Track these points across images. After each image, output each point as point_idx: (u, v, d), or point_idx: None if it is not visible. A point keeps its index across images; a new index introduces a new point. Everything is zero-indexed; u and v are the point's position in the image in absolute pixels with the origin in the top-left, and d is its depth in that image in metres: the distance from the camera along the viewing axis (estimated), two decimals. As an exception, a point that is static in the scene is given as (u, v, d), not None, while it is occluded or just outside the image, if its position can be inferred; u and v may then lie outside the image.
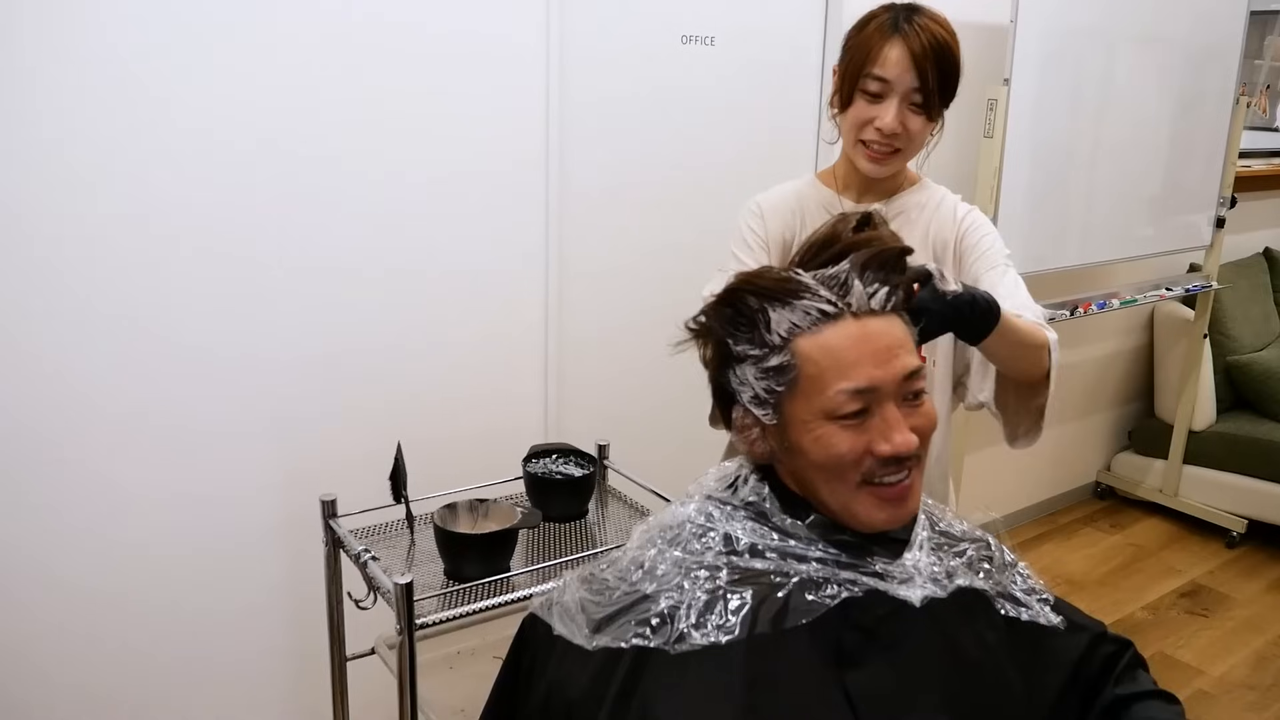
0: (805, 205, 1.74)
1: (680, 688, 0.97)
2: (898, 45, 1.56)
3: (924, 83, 1.57)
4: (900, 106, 1.59)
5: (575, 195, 2.39)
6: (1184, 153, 3.63)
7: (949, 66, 1.59)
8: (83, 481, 1.89)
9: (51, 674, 1.94)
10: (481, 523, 1.72)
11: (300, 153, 1.98)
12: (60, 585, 1.90)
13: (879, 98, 1.60)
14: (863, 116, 1.62)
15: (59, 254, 1.79)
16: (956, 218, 1.70)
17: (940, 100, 1.61)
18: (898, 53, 1.56)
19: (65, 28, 1.71)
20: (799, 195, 1.76)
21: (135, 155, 1.81)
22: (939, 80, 1.58)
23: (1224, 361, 4.17)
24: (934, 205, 1.72)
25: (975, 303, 1.31)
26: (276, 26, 1.90)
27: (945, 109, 1.64)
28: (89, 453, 1.88)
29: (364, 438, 2.12)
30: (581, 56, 2.32)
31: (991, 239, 1.67)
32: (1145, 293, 3.75)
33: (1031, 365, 1.52)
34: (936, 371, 1.71)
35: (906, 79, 1.57)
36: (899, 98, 1.58)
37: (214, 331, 1.96)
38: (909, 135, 1.61)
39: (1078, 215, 3.32)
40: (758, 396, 1.07)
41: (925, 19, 1.58)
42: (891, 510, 1.07)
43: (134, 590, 1.98)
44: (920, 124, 1.61)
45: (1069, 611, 1.19)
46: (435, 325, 2.24)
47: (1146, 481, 4.30)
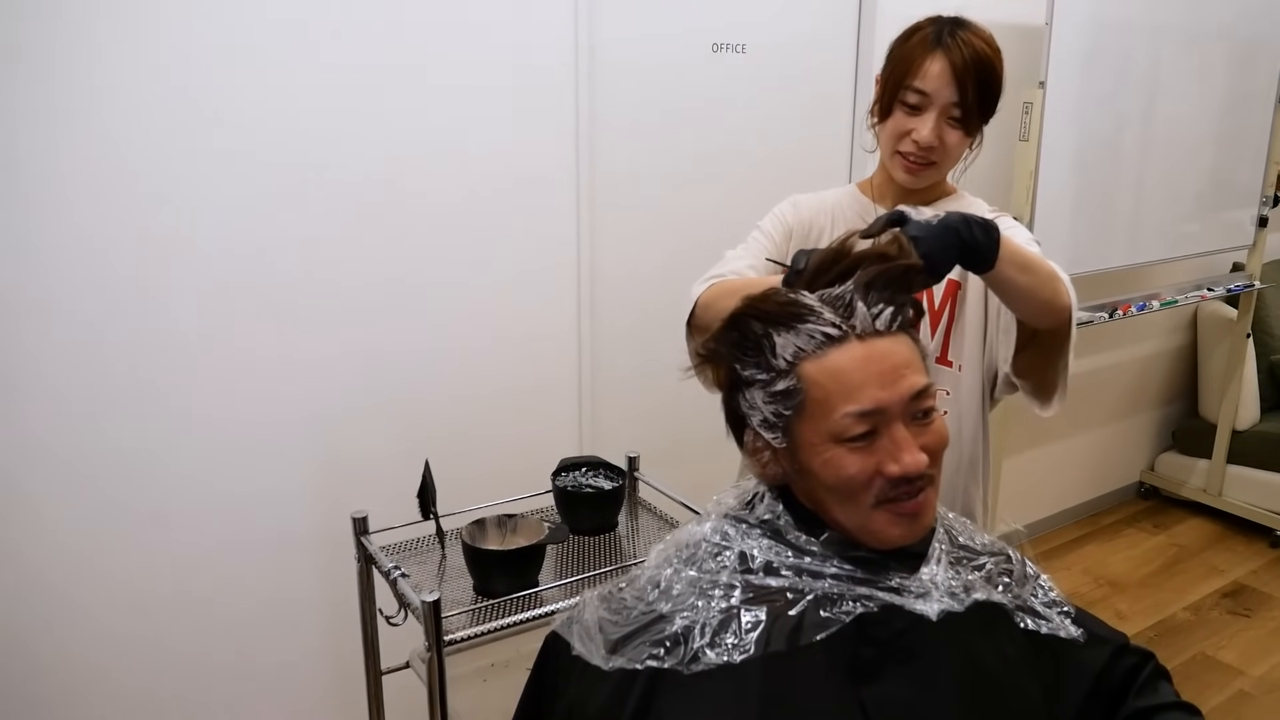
0: (841, 210, 1.75)
1: (694, 708, 0.98)
2: (939, 59, 1.56)
3: (963, 97, 1.56)
4: (938, 120, 1.58)
5: (607, 206, 2.42)
6: (1227, 151, 3.59)
7: (990, 82, 1.58)
8: (135, 490, 1.96)
9: (111, 675, 2.02)
10: (510, 538, 1.74)
11: (334, 171, 2.03)
12: (112, 588, 1.98)
13: (918, 110, 1.60)
14: (901, 128, 1.62)
15: (113, 273, 1.86)
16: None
17: (980, 115, 1.60)
18: (939, 66, 1.56)
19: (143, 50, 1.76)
20: (836, 199, 1.77)
21: (186, 173, 1.89)
22: (978, 95, 1.57)
23: (1268, 361, 4.11)
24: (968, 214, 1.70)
25: (968, 221, 1.30)
26: (317, 47, 1.96)
27: (985, 124, 1.63)
28: (140, 463, 1.96)
29: (399, 452, 2.15)
30: (612, 65, 2.34)
31: (1019, 235, 1.63)
32: (1187, 293, 3.71)
33: (1051, 295, 1.46)
34: (964, 376, 1.69)
35: (946, 93, 1.57)
36: (938, 111, 1.58)
37: (256, 349, 2.03)
38: (945, 149, 1.61)
39: (1121, 216, 3.30)
40: (766, 420, 1.08)
41: (969, 34, 1.57)
42: (906, 526, 1.07)
43: (181, 594, 2.04)
44: (957, 138, 1.61)
45: (1090, 624, 1.18)
46: (468, 341, 2.27)
47: (1190, 481, 4.25)
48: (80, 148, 1.79)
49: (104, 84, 1.79)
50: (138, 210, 1.86)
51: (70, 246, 1.82)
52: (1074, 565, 3.78)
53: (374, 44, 2.02)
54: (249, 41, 1.90)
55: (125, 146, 1.83)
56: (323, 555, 2.17)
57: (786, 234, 1.74)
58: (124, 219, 1.85)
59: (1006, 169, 2.99)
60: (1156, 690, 1.17)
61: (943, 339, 1.69)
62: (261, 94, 1.93)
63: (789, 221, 1.74)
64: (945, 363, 1.69)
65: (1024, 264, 1.40)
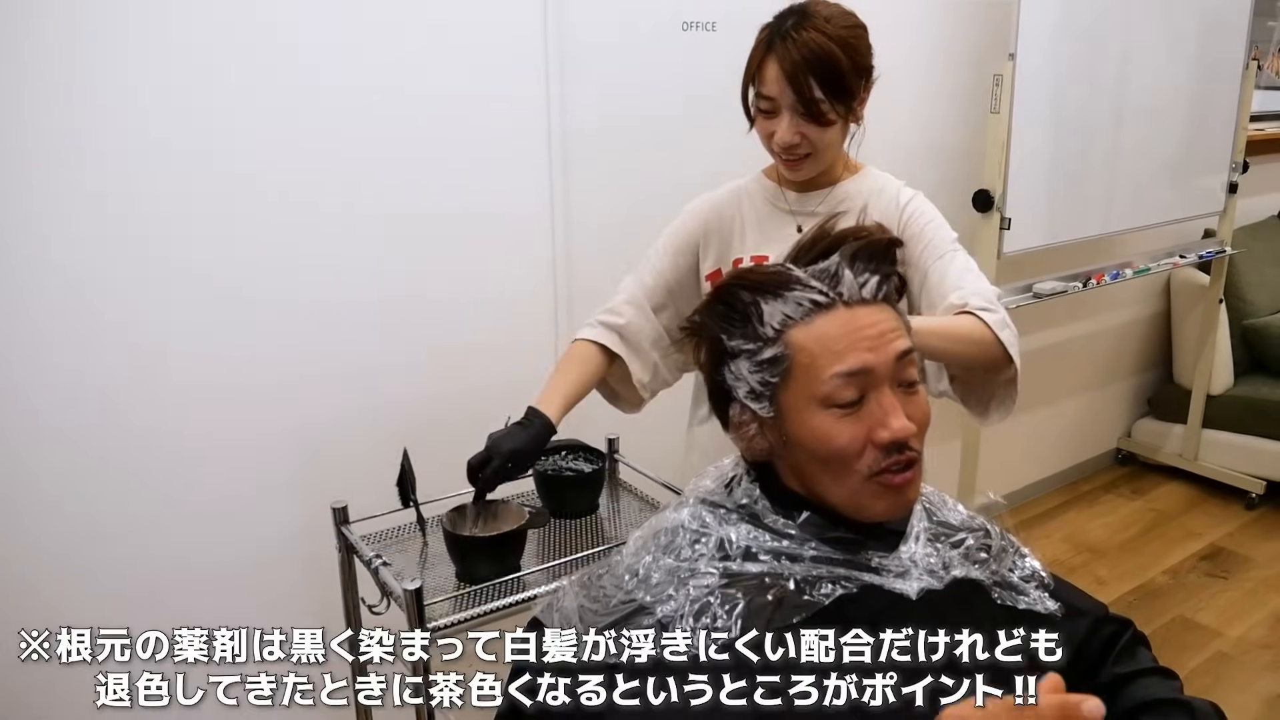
0: (750, 195, 1.78)
1: (675, 697, 0.98)
2: (772, 63, 1.57)
3: (801, 94, 1.56)
4: (792, 118, 1.59)
5: (579, 192, 2.40)
6: (1197, 118, 3.61)
7: (831, 72, 1.55)
8: (109, 486, 1.94)
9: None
10: (491, 524, 1.74)
11: (300, 160, 2.02)
12: (90, 586, 1.95)
13: (771, 114, 1.61)
14: (764, 130, 1.64)
15: (78, 272, 1.84)
16: (899, 204, 1.69)
17: (835, 102, 1.58)
18: (773, 70, 1.57)
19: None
20: (741, 186, 1.80)
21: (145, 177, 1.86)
22: (823, 87, 1.56)
23: (1240, 325, 4.16)
24: (874, 193, 1.71)
25: None
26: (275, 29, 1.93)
27: (851, 107, 1.62)
28: (112, 457, 1.94)
29: (378, 440, 2.14)
30: (581, 42, 2.33)
31: (936, 225, 1.66)
32: (1159, 260, 3.74)
33: (978, 354, 1.50)
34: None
35: (787, 94, 1.57)
36: (788, 111, 1.59)
37: (233, 342, 2.01)
38: (811, 142, 1.61)
39: (1093, 186, 3.31)
40: (753, 390, 1.08)
41: (806, 27, 1.55)
42: (893, 499, 1.07)
43: (159, 591, 2.02)
44: (819, 130, 1.60)
45: (1069, 595, 1.19)
46: (444, 327, 2.27)
47: (1166, 447, 4.30)
48: (48, 157, 1.77)
49: (80, 102, 1.77)
50: (105, 215, 1.84)
51: (36, 252, 1.80)
52: (1054, 533, 3.82)
53: (339, 23, 2.00)
54: (208, 63, 1.88)
55: (93, 157, 1.81)
56: (303, 546, 2.16)
57: (677, 251, 1.80)
58: (90, 222, 1.83)
59: (978, 141, 2.99)
60: (1135, 656, 1.19)
61: None
62: (209, 94, 1.91)
63: (681, 236, 1.80)
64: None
65: (939, 346, 1.44)
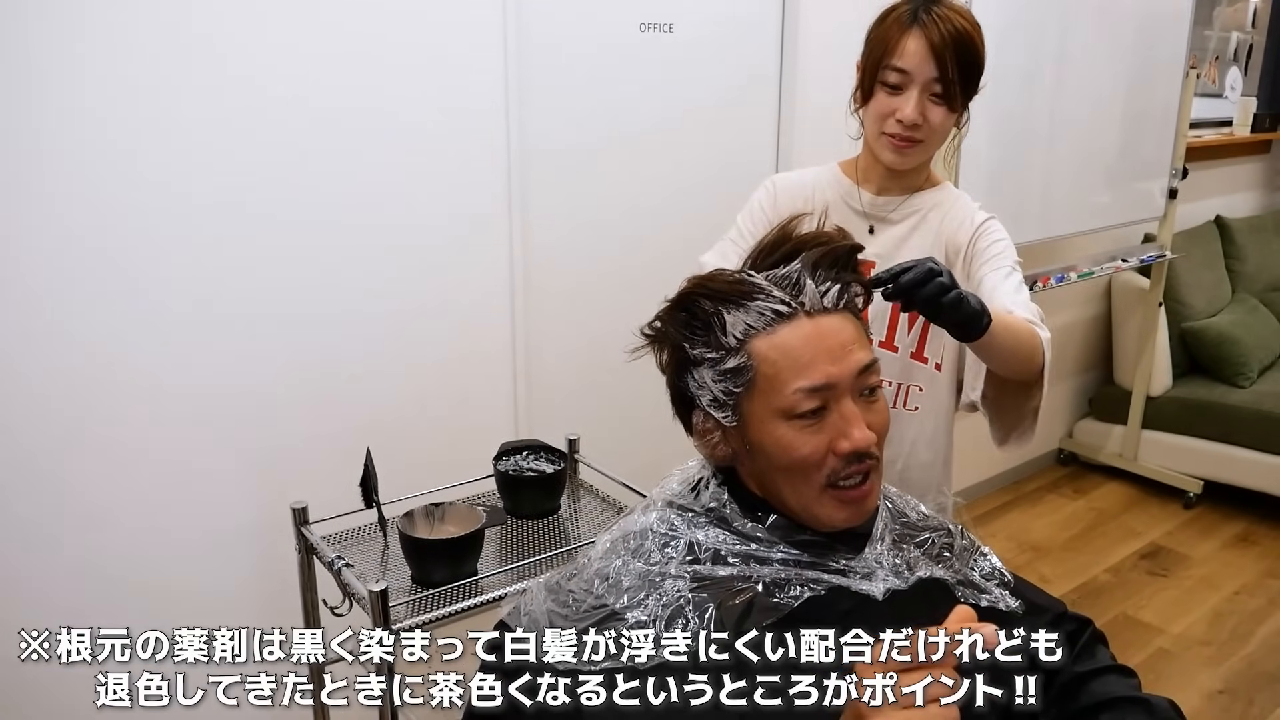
0: (821, 193, 1.75)
1: (647, 701, 0.98)
2: (916, 36, 1.56)
3: (943, 73, 1.56)
4: (920, 97, 1.59)
5: (538, 201, 2.39)
6: (1136, 125, 3.68)
7: (970, 57, 1.58)
8: (60, 492, 1.90)
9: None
10: (439, 527, 1.73)
11: (261, 172, 1.99)
12: (43, 583, 1.92)
13: (899, 89, 1.59)
14: (884, 109, 1.62)
15: (38, 272, 1.80)
16: (975, 222, 1.68)
17: (962, 92, 1.60)
18: (916, 44, 1.56)
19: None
20: (815, 182, 1.77)
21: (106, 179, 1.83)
22: (959, 71, 1.57)
23: (1179, 328, 4.25)
24: (951, 207, 1.71)
25: (964, 300, 1.30)
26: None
27: (969, 100, 1.64)
28: (63, 461, 1.89)
29: (338, 442, 2.13)
30: (540, 42, 2.31)
31: (1003, 245, 1.66)
32: (1102, 264, 3.80)
33: (1025, 363, 1.51)
34: (942, 375, 1.72)
35: (926, 69, 1.57)
36: (919, 88, 1.58)
37: (193, 341, 1.98)
38: (930, 127, 1.61)
39: (1036, 190, 3.36)
40: (716, 399, 1.09)
41: (945, 9, 1.57)
42: (852, 509, 1.09)
43: (114, 589, 1.98)
44: (941, 115, 1.61)
45: (1030, 593, 1.22)
46: (403, 329, 2.25)
47: (1107, 447, 4.38)
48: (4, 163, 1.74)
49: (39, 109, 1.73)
50: (65, 225, 1.81)
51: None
52: (999, 532, 3.88)
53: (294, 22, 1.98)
54: (169, 74, 1.85)
55: (50, 162, 1.78)
56: (259, 546, 2.13)
57: (779, 215, 1.72)
58: (50, 232, 1.80)
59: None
60: (1094, 655, 1.21)
61: (920, 335, 1.70)
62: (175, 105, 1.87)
63: (769, 215, 1.73)
64: (921, 359, 1.71)
65: (1008, 339, 1.42)
